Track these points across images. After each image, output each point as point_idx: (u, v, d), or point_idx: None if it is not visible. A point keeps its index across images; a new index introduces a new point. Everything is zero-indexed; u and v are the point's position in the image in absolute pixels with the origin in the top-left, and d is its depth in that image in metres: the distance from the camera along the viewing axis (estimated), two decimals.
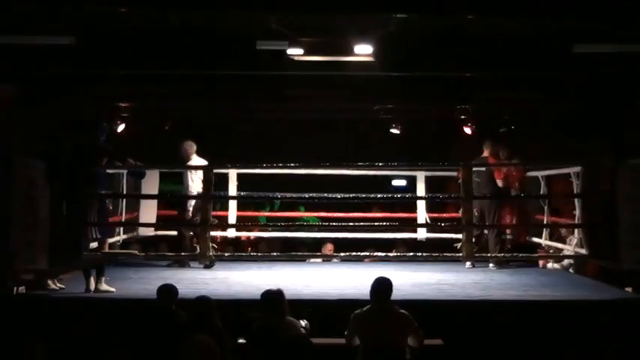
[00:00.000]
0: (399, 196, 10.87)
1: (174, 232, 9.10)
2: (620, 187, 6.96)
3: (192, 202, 8.63)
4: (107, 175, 8.03)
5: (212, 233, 8.45)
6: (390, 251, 9.09)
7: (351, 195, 8.73)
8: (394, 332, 5.06)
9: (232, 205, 9.39)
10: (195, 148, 8.80)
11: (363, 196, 8.89)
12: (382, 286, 5.22)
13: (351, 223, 8.82)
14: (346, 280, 7.65)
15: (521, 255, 8.64)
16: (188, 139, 8.87)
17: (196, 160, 8.75)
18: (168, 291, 5.49)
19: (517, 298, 6.74)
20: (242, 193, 9.42)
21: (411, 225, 9.56)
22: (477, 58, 7.47)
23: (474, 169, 8.40)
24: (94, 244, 7.46)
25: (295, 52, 7.13)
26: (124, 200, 8.84)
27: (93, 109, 9.37)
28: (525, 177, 9.37)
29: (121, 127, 9.88)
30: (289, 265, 8.83)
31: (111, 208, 8.24)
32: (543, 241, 9.08)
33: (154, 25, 7.11)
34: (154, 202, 9.24)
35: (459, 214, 8.29)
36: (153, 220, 9.22)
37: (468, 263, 8.53)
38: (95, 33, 7.15)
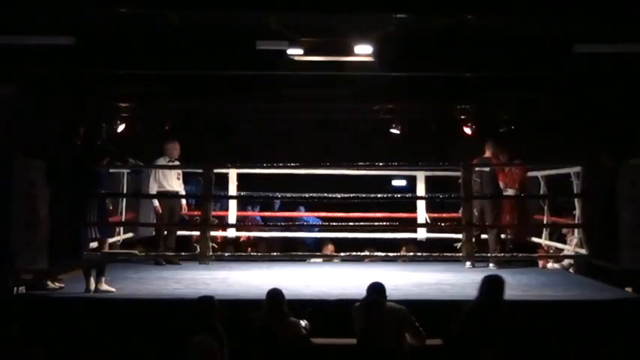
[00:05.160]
0: (399, 196, 10.87)
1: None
2: (620, 187, 6.96)
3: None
4: (107, 175, 8.03)
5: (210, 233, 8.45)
6: (390, 251, 9.09)
7: (351, 195, 8.73)
8: (390, 327, 5.07)
9: (232, 205, 9.39)
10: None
11: (363, 196, 8.89)
12: (375, 285, 5.30)
13: (352, 223, 8.82)
14: (346, 280, 7.65)
15: (521, 255, 8.64)
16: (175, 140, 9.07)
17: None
18: None
19: (517, 298, 6.73)
20: (242, 193, 9.43)
21: (411, 225, 9.56)
22: (477, 58, 7.47)
23: (476, 169, 8.40)
24: (94, 244, 7.46)
25: (295, 52, 7.13)
26: (124, 200, 8.85)
27: (93, 109, 9.37)
28: (525, 177, 9.37)
29: (121, 127, 9.88)
30: (289, 265, 8.83)
31: (111, 207, 8.24)
32: (543, 241, 9.08)
33: (154, 25, 7.11)
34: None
35: (459, 214, 8.29)
36: (152, 220, 9.22)
37: (468, 263, 8.53)
38: (95, 33, 7.14)
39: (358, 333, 5.14)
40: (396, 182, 11.56)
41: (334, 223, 9.06)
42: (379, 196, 9.32)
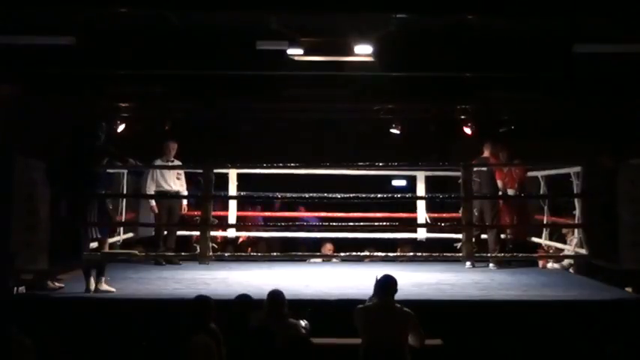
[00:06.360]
0: (399, 196, 10.87)
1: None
2: (620, 187, 6.96)
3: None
4: (107, 175, 8.03)
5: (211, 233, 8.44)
6: (390, 251, 9.08)
7: (351, 195, 8.73)
8: (395, 328, 5.07)
9: (232, 205, 9.38)
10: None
11: (363, 196, 8.88)
12: (387, 282, 5.27)
13: (351, 223, 8.81)
14: (346, 280, 7.65)
15: (521, 255, 8.64)
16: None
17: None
18: None
19: (517, 298, 6.74)
20: (242, 193, 9.43)
21: (411, 225, 9.56)
22: (477, 58, 7.47)
23: (475, 169, 8.40)
24: (94, 244, 7.46)
25: (295, 52, 7.13)
26: (124, 200, 8.84)
27: (93, 109, 9.37)
28: (525, 177, 9.37)
29: (121, 127, 9.88)
30: (289, 265, 8.83)
31: (111, 207, 8.23)
32: (543, 241, 9.08)
33: (154, 25, 7.11)
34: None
35: (459, 214, 8.29)
36: (152, 220, 9.21)
37: (468, 263, 8.53)
38: (95, 33, 7.14)
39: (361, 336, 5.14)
40: (396, 182, 11.56)
41: (334, 223, 9.06)
42: (379, 196, 9.30)
